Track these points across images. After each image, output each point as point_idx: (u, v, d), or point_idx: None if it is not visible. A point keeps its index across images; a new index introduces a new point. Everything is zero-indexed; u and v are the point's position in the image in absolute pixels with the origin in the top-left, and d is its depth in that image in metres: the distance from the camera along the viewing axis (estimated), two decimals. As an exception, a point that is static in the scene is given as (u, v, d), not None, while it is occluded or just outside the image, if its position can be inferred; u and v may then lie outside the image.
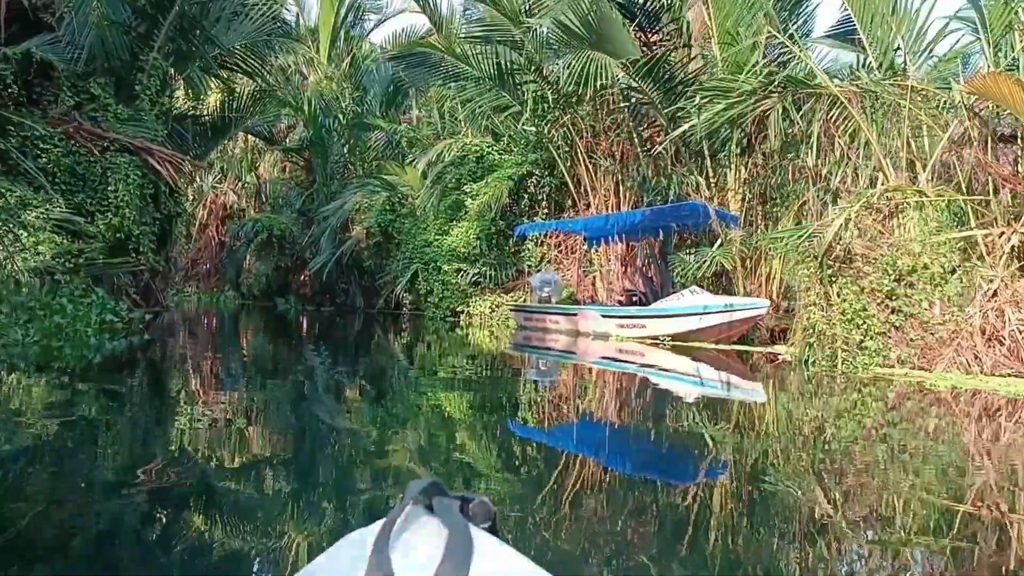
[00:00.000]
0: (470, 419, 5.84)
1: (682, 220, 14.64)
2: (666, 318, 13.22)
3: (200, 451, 4.24)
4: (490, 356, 12.03)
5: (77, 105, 13.65)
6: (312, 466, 4.07)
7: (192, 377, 7.70)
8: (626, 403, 7.40)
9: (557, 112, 18.19)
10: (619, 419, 6.28)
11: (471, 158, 19.88)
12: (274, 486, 3.67)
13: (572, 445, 5.05)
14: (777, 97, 9.93)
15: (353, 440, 4.89)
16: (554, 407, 6.66)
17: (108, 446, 4.39)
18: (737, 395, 8.30)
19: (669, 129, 14.39)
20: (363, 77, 27.07)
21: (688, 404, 7.23)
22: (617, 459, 4.74)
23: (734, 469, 4.31)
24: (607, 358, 12.01)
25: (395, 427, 5.32)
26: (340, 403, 6.61)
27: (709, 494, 3.74)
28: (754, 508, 3.49)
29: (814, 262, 9.86)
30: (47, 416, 5.07)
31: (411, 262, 20.35)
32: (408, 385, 8.06)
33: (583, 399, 7.39)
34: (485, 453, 4.60)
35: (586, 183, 18.63)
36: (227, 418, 5.32)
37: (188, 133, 16.56)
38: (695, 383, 9.31)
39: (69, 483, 3.40)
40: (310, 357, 10.85)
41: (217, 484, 3.63)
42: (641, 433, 5.67)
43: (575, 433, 5.44)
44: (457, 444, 4.76)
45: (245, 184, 30.98)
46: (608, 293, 18.57)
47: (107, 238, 13.15)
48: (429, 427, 5.36)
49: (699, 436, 5.38)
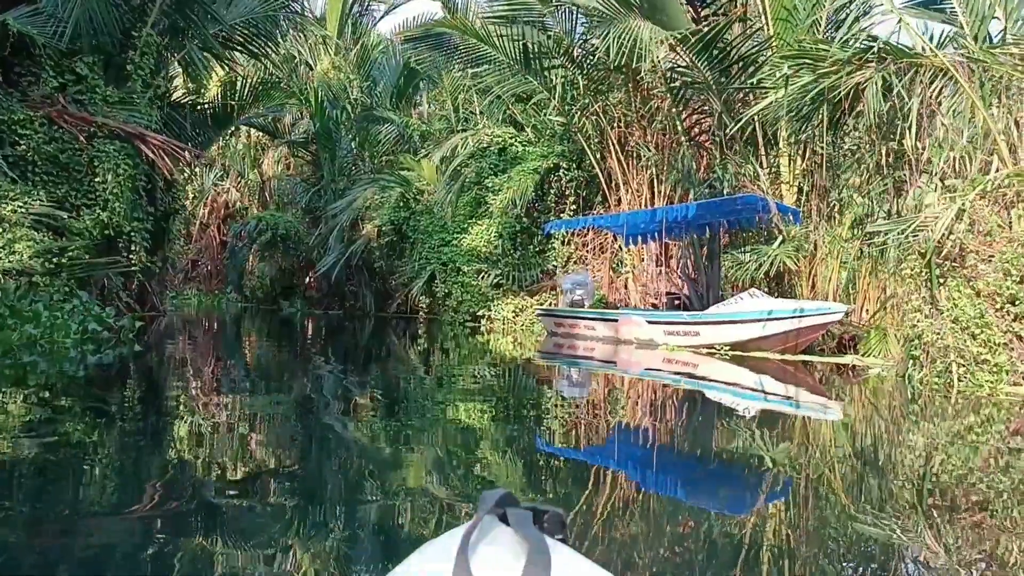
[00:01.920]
0: (502, 441, 5.09)
1: (736, 215, 13.16)
2: (724, 324, 11.73)
3: (187, 513, 3.17)
4: (517, 366, 10.69)
5: (61, 86, 12.16)
6: (334, 516, 3.32)
7: (182, 401, 6.21)
8: (682, 424, 6.39)
9: (587, 99, 16.71)
10: (675, 443, 5.47)
11: (492, 150, 18.39)
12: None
13: (618, 471, 4.44)
14: (874, 68, 8.43)
15: (381, 476, 4.07)
16: (594, 426, 5.85)
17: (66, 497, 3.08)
18: (825, 417, 6.88)
19: (723, 114, 12.89)
20: (372, 68, 25.62)
21: (760, 427, 6.12)
22: (679, 491, 4.10)
23: (826, 507, 3.68)
24: (654, 369, 10.65)
25: (420, 449, 4.75)
26: (356, 430, 5.18)
27: (799, 539, 3.17)
28: (850, 551, 3.00)
29: (919, 260, 8.37)
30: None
31: (427, 263, 18.85)
32: (429, 400, 7.06)
33: (628, 417, 6.43)
34: (522, 479, 3.99)
35: (618, 177, 17.16)
36: (223, 459, 3.97)
37: (187, 122, 15.07)
38: (766, 400, 7.95)
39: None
40: (319, 369, 9.35)
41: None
42: (705, 461, 4.86)
43: (621, 457, 4.82)
44: (488, 468, 4.23)
45: (248, 181, 29.50)
46: (642, 296, 17.11)
47: (94, 235, 11.68)
48: (454, 448, 4.74)
49: (780, 468, 4.49)
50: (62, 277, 10.33)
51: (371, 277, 22.32)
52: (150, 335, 12.26)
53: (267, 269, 25.33)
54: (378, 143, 23.96)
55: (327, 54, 24.66)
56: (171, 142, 12.35)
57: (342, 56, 24.76)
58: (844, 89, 8.45)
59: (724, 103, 12.72)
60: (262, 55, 15.41)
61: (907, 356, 8.58)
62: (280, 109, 22.06)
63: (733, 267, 12.92)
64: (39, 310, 8.93)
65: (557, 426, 5.71)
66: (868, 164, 10.25)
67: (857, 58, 8.38)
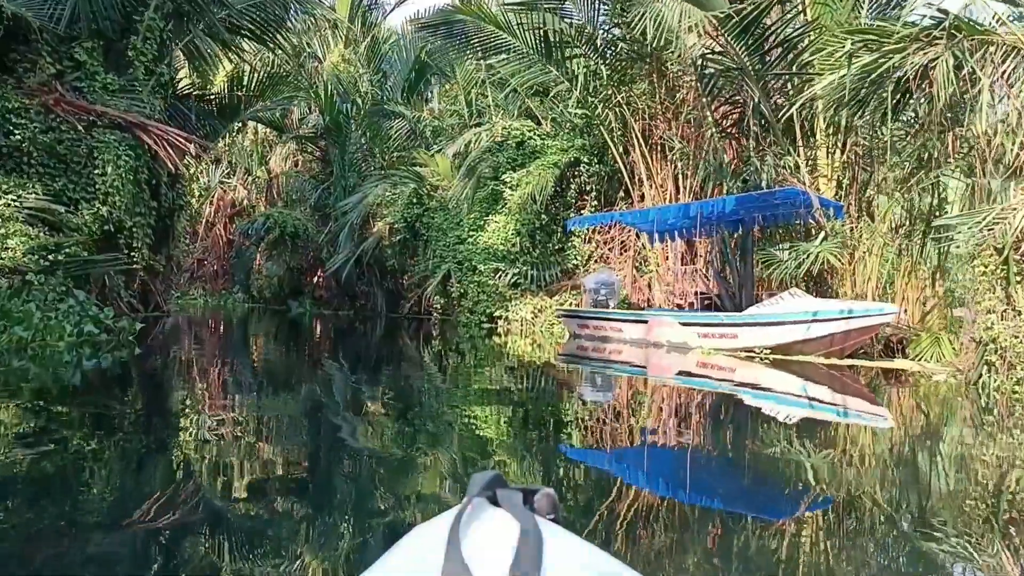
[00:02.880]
0: (525, 450, 4.67)
1: (773, 210, 12.40)
2: (765, 326, 10.96)
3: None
4: (538, 370, 9.96)
5: (59, 73, 11.47)
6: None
7: (182, 412, 5.46)
8: (721, 432, 5.86)
9: (610, 90, 15.95)
10: (713, 452, 4.99)
11: (510, 144, 17.62)
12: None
13: (651, 482, 4.07)
14: (944, 45, 7.65)
15: (398, 493, 3.66)
16: (624, 433, 5.45)
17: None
18: (890, 429, 6.18)
19: (760, 102, 12.12)
20: (382, 61, 24.92)
21: (807, 437, 5.58)
22: (716, 503, 3.71)
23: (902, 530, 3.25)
24: (688, 374, 9.95)
25: (438, 460, 4.33)
26: (370, 441, 4.53)
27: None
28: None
29: (994, 257, 7.60)
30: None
31: (442, 261, 18.09)
32: (447, 407, 6.47)
33: (661, 425, 5.93)
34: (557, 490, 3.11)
35: (641, 171, 16.39)
36: (225, 478, 3.38)
37: (192, 113, 14.35)
38: (813, 408, 7.21)
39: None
40: (330, 375, 8.61)
41: None
42: (749, 474, 4.42)
43: (654, 467, 4.44)
44: (511, 480, 3.25)
45: (255, 179, 28.77)
46: (667, 297, 16.35)
47: (93, 231, 10.99)
48: (472, 457, 4.38)
49: (831, 482, 4.04)
50: (58, 275, 9.62)
51: (382, 277, 21.58)
52: (152, 337, 11.55)
53: (275, 268, 24.60)
54: (389, 138, 23.23)
55: (337, 46, 23.94)
56: (175, 132, 11.64)
57: (352, 49, 24.03)
58: (910, 69, 7.68)
59: (764, 89, 11.91)
60: (271, 42, 14.64)
61: (979, 361, 7.81)
62: (289, 102, 21.34)
63: (770, 265, 12.13)
64: (31, 311, 8.22)
65: (584, 434, 5.31)
66: (920, 153, 9.47)
67: (925, 34, 7.62)
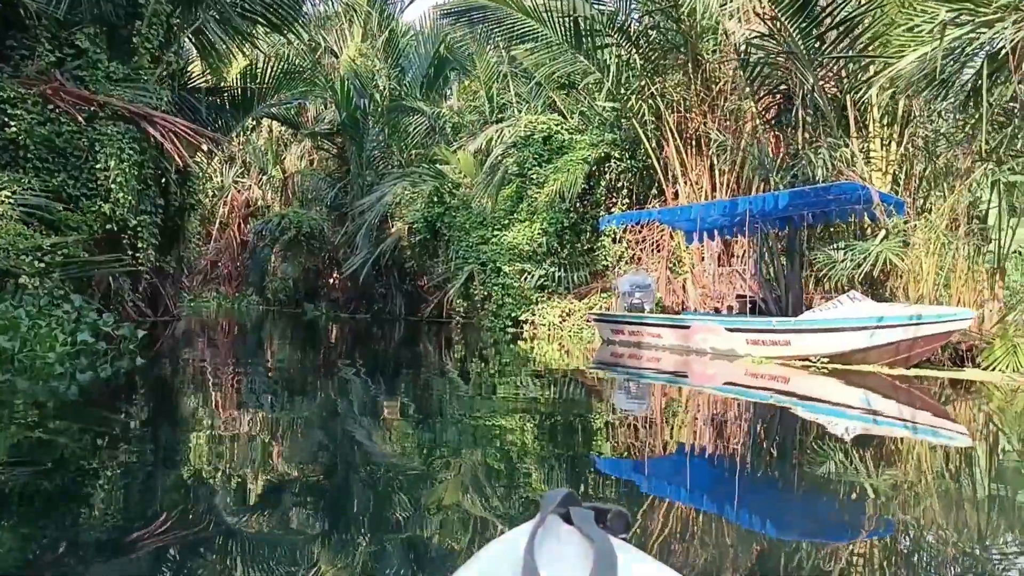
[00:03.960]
0: (558, 467, 4.18)
1: (826, 206, 11.46)
2: (823, 332, 10.01)
3: None
4: (570, 379, 9.10)
5: (58, 61, 10.69)
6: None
7: (177, 444, 4.60)
8: (773, 448, 5.18)
9: (644, 80, 15.05)
10: (763, 470, 4.43)
11: (536, 139, 16.74)
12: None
13: (696, 500, 3.67)
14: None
15: (435, 524, 3.11)
16: (665, 448, 4.94)
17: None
18: (964, 446, 5.25)
19: (814, 89, 11.16)
20: (400, 56, 24.09)
21: (870, 454, 4.88)
22: (768, 527, 3.28)
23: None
24: (736, 384, 9.04)
25: (472, 484, 3.79)
26: (407, 473, 3.58)
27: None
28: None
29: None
30: None
31: (464, 262, 17.21)
32: (475, 421, 5.69)
33: (706, 439, 5.32)
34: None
35: (675, 167, 15.47)
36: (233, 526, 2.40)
37: (202, 106, 13.55)
38: (876, 423, 6.29)
39: None
40: (348, 384, 7.72)
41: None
42: (812, 494, 3.91)
43: (699, 485, 4.02)
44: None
45: (270, 178, 28.04)
46: (702, 299, 15.42)
47: (94, 230, 10.21)
48: (511, 479, 3.87)
49: (919, 513, 3.51)
50: (53, 278, 8.81)
51: (401, 279, 20.75)
52: (158, 344, 10.75)
53: (290, 270, 23.85)
54: (408, 135, 22.42)
55: (354, 40, 23.14)
56: (183, 124, 10.83)
57: (369, 43, 23.23)
58: (1013, 41, 6.75)
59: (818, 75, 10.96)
60: (287, 30, 13.81)
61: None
62: (304, 98, 20.55)
63: (823, 266, 11.18)
64: (19, 317, 7.40)
65: (623, 449, 4.83)
66: (988, 144, 8.50)
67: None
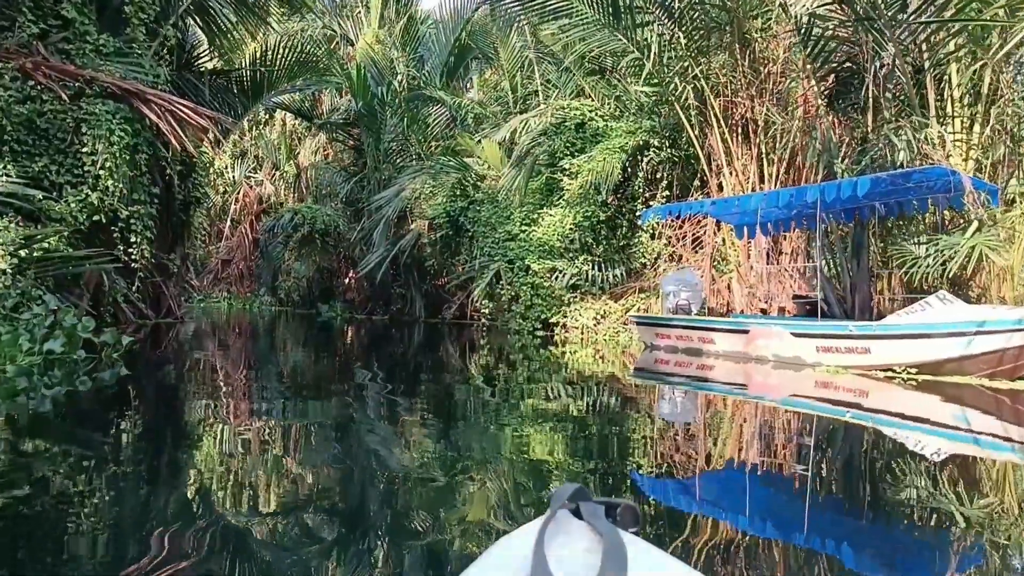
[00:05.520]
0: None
1: (903, 195, 10.12)
2: (909, 339, 8.67)
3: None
4: (609, 387, 7.92)
5: (42, 33, 9.53)
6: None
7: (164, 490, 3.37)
8: (852, 473, 4.37)
9: (688, 61, 13.73)
10: (840, 497, 3.71)
11: (568, 126, 15.47)
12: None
13: (763, 530, 3.04)
14: None
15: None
16: (724, 470, 4.24)
17: None
18: None
19: (894, 62, 9.82)
20: (419, 44, 22.92)
21: (982, 488, 3.96)
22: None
23: None
24: (804, 396, 7.78)
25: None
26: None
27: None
28: None
29: None
30: None
31: (490, 260, 15.95)
32: (513, 449, 4.59)
33: (771, 460, 4.55)
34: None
35: (720, 156, 14.16)
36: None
37: (206, 87, 12.37)
38: (986, 446, 5.17)
39: None
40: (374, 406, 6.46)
41: None
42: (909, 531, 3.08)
43: (765, 515, 3.31)
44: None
45: (283, 173, 26.90)
46: (748, 300, 14.11)
47: (80, 221, 9.02)
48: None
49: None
50: (28, 276, 7.62)
51: (421, 278, 19.51)
52: (155, 350, 9.55)
53: (303, 269, 22.68)
54: (427, 126, 21.20)
55: (370, 27, 21.95)
56: (182, 103, 9.63)
57: (387, 29, 22.03)
58: None
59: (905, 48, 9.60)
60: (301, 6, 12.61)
61: None
62: (318, 85, 19.34)
63: (908, 263, 9.84)
64: (-22, 322, 6.22)
65: (670, 466, 4.24)
66: None
67: None
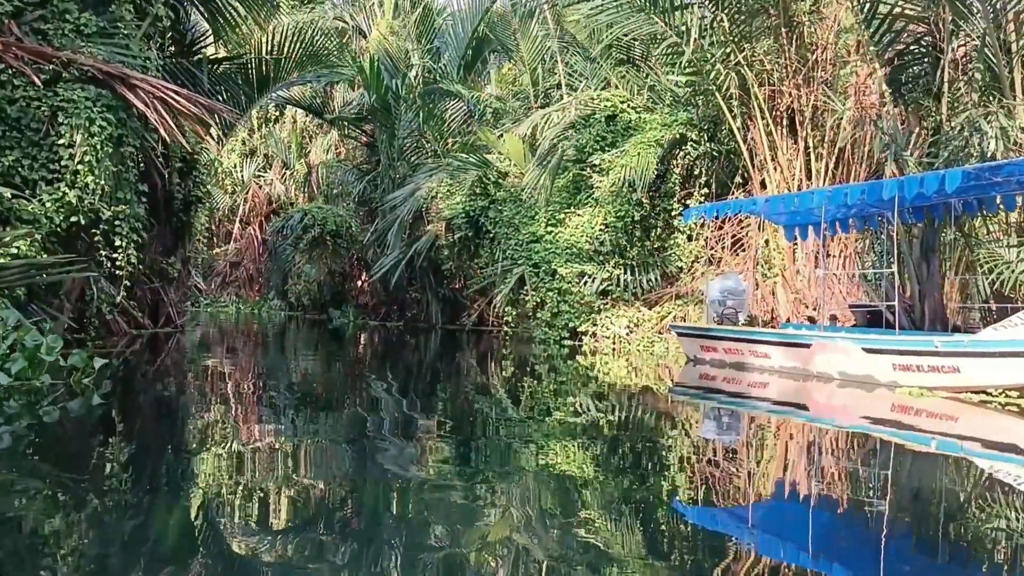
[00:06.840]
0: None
1: (986, 191, 8.91)
2: (1007, 357, 7.46)
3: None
4: (650, 406, 7.26)
5: (15, 11, 8.46)
6: None
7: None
8: (938, 510, 3.84)
9: (731, 46, 12.55)
10: (926, 539, 3.37)
11: (598, 119, 14.30)
12: None
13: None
14: None
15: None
16: (786, 505, 3.79)
17: None
18: None
19: (987, 40, 8.62)
20: (435, 37, 21.81)
21: None
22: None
23: None
24: (877, 421, 7.01)
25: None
26: None
27: None
28: None
29: None
30: None
31: (513, 264, 14.79)
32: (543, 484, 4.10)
33: (840, 494, 4.02)
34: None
35: (763, 150, 12.98)
36: None
37: (204, 74, 11.28)
38: None
39: None
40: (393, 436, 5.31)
41: None
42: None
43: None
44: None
45: (294, 173, 25.87)
46: (795, 308, 12.90)
47: (55, 223, 7.94)
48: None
49: None
50: (-11, 286, 6.55)
51: (438, 282, 18.38)
52: (146, 367, 8.46)
53: (314, 272, 21.60)
54: (444, 122, 20.09)
55: (384, 17, 20.84)
56: (173, 89, 8.54)
57: (401, 20, 20.93)
58: None
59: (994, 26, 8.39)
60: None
61: None
62: (329, 77, 18.25)
63: (993, 268, 8.64)
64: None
65: (721, 497, 3.85)
66: None
67: None
